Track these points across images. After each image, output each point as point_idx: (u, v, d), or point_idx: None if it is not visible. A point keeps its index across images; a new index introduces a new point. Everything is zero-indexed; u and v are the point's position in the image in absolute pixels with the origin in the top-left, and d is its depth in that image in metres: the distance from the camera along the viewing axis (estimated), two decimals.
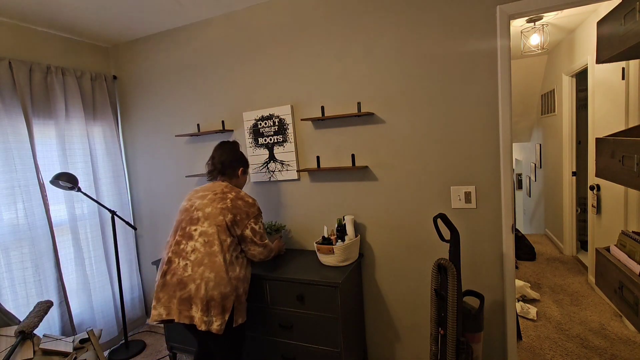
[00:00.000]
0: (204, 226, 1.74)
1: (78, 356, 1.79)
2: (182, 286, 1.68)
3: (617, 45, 1.48)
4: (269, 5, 2.36)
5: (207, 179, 2.01)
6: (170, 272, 1.73)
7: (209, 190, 1.85)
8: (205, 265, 1.68)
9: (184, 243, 1.74)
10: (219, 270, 1.68)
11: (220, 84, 2.60)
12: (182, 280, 1.68)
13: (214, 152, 1.99)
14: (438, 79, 1.99)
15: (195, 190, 1.91)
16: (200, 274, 1.66)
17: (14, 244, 2.24)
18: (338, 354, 1.95)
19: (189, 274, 1.68)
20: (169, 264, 1.74)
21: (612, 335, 2.54)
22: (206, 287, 1.65)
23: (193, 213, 1.79)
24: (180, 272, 1.69)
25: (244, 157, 2.03)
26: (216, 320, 1.67)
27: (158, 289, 1.74)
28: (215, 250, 1.70)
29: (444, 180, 2.05)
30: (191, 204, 1.83)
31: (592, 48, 3.10)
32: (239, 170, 1.98)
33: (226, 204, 1.77)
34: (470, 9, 1.88)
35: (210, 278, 1.66)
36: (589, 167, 3.38)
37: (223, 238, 1.73)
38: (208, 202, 1.78)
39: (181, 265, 1.70)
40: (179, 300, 1.68)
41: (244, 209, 1.81)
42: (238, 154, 1.99)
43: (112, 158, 2.89)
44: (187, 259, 1.71)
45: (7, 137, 2.20)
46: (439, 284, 1.71)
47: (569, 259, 4.07)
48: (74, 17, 2.39)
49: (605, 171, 1.61)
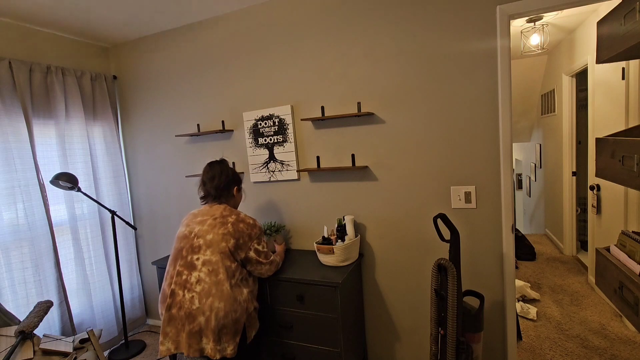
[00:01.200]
0: (206, 255, 1.67)
1: (78, 356, 1.79)
2: (191, 320, 1.62)
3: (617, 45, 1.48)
4: (268, 5, 2.36)
5: (201, 203, 1.93)
6: (175, 305, 1.66)
7: (208, 214, 1.78)
8: (213, 295, 1.62)
9: (187, 274, 1.68)
10: (227, 298, 1.64)
11: (220, 84, 2.60)
12: (191, 314, 1.62)
13: (204, 175, 1.91)
14: (438, 78, 1.99)
15: (193, 214, 1.83)
16: (209, 306, 1.61)
17: (14, 244, 2.24)
18: (338, 354, 1.95)
19: (197, 307, 1.62)
20: (173, 297, 1.67)
21: (612, 335, 2.54)
22: (216, 318, 1.61)
23: (194, 241, 1.71)
24: (187, 305, 1.63)
25: (236, 175, 1.96)
26: (229, 346, 1.65)
27: (165, 323, 1.68)
28: (221, 278, 1.64)
29: (444, 180, 2.05)
30: (190, 230, 1.75)
31: (592, 48, 3.10)
32: (234, 190, 1.94)
33: (227, 229, 1.71)
34: (470, 9, 1.88)
35: (220, 308, 1.62)
36: (589, 167, 3.38)
37: (228, 264, 1.68)
38: (209, 229, 1.71)
39: (187, 298, 1.64)
40: (187, 334, 1.62)
41: (246, 232, 1.77)
42: (230, 174, 1.92)
43: (112, 158, 2.89)
44: (193, 291, 1.64)
45: (7, 137, 2.20)
46: (439, 284, 1.71)
47: (569, 259, 4.07)
48: (74, 17, 2.39)
49: (605, 171, 1.61)
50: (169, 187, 2.94)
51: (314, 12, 2.23)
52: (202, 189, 1.91)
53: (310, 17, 2.25)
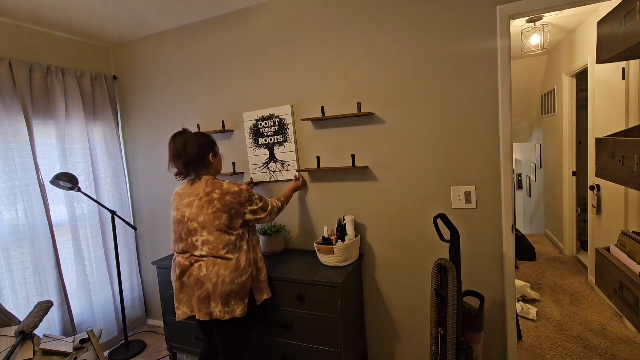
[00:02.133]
0: (203, 235, 1.74)
1: (78, 356, 1.79)
2: (200, 285, 1.73)
3: (617, 45, 1.48)
4: (268, 6, 2.36)
5: (176, 179, 1.84)
6: (186, 274, 1.77)
7: (192, 194, 1.76)
8: (218, 264, 1.73)
9: (190, 251, 1.77)
10: (231, 266, 1.74)
11: (220, 84, 2.60)
12: (199, 280, 1.73)
13: (170, 152, 1.77)
14: (438, 79, 1.99)
15: (179, 195, 1.81)
16: (215, 272, 1.72)
17: (14, 244, 2.24)
18: (338, 354, 1.95)
19: (204, 274, 1.72)
20: (180, 267, 1.78)
21: (612, 335, 2.54)
22: (223, 284, 1.72)
23: (188, 224, 1.76)
24: (195, 272, 1.74)
25: (205, 140, 1.82)
26: (238, 307, 1.77)
27: (177, 291, 1.80)
28: (222, 253, 1.74)
29: (444, 180, 2.05)
30: (181, 214, 1.77)
31: (592, 48, 3.10)
32: (209, 157, 1.82)
33: (216, 206, 1.72)
34: (470, 9, 1.87)
35: (226, 275, 1.73)
36: (589, 167, 3.38)
37: (226, 239, 1.75)
38: (197, 210, 1.73)
39: (195, 267, 1.75)
40: (197, 299, 1.74)
41: (235, 201, 1.75)
42: (197, 143, 1.77)
43: (112, 158, 2.89)
44: (200, 261, 1.75)
45: (7, 137, 2.20)
46: (439, 284, 1.71)
47: (569, 259, 4.07)
48: (74, 17, 2.39)
49: (605, 171, 1.61)
50: (169, 187, 2.94)
51: (314, 12, 2.23)
52: (172, 166, 1.80)
53: (310, 17, 2.25)
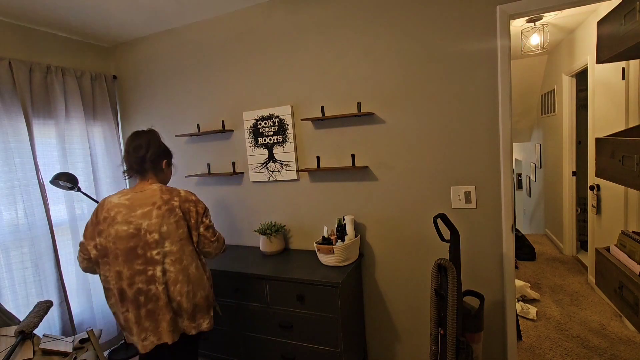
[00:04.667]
0: (166, 247, 1.59)
1: (78, 356, 1.79)
2: (169, 308, 1.60)
3: (617, 45, 1.48)
4: (268, 6, 2.36)
5: (124, 177, 1.74)
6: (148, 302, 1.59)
7: (147, 204, 1.60)
8: (180, 282, 1.61)
9: (151, 269, 1.58)
10: (194, 280, 1.66)
11: (220, 84, 2.60)
12: (167, 302, 1.60)
13: (128, 145, 1.69)
14: (438, 78, 1.99)
15: (125, 207, 1.60)
16: (178, 292, 1.61)
17: (14, 244, 2.24)
18: (338, 354, 1.95)
19: (169, 295, 1.60)
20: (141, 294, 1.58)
21: (612, 335, 2.54)
22: (188, 300, 1.63)
23: (147, 237, 1.57)
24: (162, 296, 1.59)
25: (166, 148, 1.79)
26: (204, 321, 1.71)
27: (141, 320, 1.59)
28: (185, 264, 1.63)
29: (444, 180, 2.05)
30: (136, 227, 1.58)
31: (592, 48, 3.10)
32: (163, 164, 1.74)
33: (178, 215, 1.62)
34: (470, 9, 1.88)
35: (190, 290, 1.64)
36: (589, 167, 3.38)
37: (190, 249, 1.66)
38: (159, 221, 1.58)
39: (160, 290, 1.58)
40: (168, 322, 1.60)
41: (194, 210, 1.68)
42: (159, 146, 1.72)
43: (112, 158, 2.89)
44: (163, 283, 1.59)
45: (7, 137, 2.20)
46: (439, 284, 1.71)
47: (569, 259, 4.07)
48: (74, 17, 2.39)
49: (605, 171, 1.61)
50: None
51: (314, 12, 2.23)
52: (125, 161, 1.69)
53: (310, 17, 2.25)
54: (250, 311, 2.17)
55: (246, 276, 2.13)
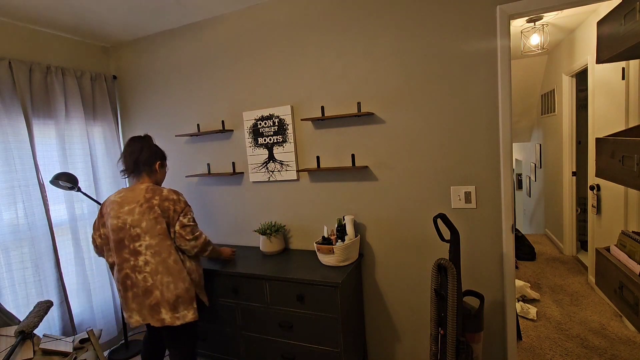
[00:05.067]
0: (146, 240, 1.80)
1: (78, 356, 1.79)
2: (148, 295, 1.82)
3: (617, 45, 1.48)
4: (269, 5, 2.36)
5: (122, 177, 1.98)
6: (133, 286, 1.84)
7: (133, 202, 1.82)
8: (161, 273, 1.81)
9: (134, 259, 1.82)
10: (173, 272, 1.83)
11: (220, 84, 2.60)
12: (147, 290, 1.81)
13: (125, 150, 1.93)
14: (438, 78, 1.99)
15: (117, 204, 1.84)
16: (159, 281, 1.81)
17: (14, 244, 2.24)
18: (338, 354, 1.95)
19: (150, 283, 1.81)
20: (128, 278, 1.84)
21: (612, 335, 2.54)
22: (168, 291, 1.81)
23: (131, 231, 1.81)
24: (142, 284, 1.82)
25: (159, 151, 1.98)
26: (189, 312, 1.86)
27: (129, 300, 1.85)
28: (164, 257, 1.82)
29: (444, 180, 2.05)
30: (123, 221, 1.82)
31: (592, 48, 3.10)
32: (156, 165, 1.95)
33: (156, 212, 1.81)
34: (470, 9, 1.88)
35: (170, 281, 1.82)
36: (589, 167, 3.38)
37: (168, 243, 1.83)
38: (140, 217, 1.80)
39: (140, 278, 1.82)
40: (148, 308, 1.83)
41: (172, 208, 1.85)
42: (152, 149, 1.94)
43: (112, 158, 2.89)
44: (144, 272, 1.81)
45: (7, 137, 2.20)
46: (439, 284, 1.71)
47: (569, 259, 4.07)
48: (74, 17, 2.39)
49: (605, 171, 1.61)
50: (169, 187, 2.94)
51: (314, 12, 2.23)
52: (122, 162, 1.93)
53: (311, 17, 2.25)
54: (250, 311, 2.17)
55: (246, 276, 2.13)
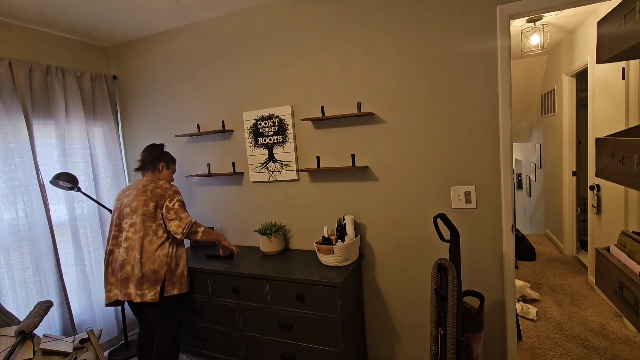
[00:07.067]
0: (132, 218, 2.04)
1: (78, 356, 1.79)
2: (121, 268, 2.01)
3: (617, 45, 1.48)
4: (269, 6, 2.36)
5: (134, 172, 2.36)
6: (113, 261, 2.07)
7: (133, 187, 2.14)
8: (136, 249, 1.99)
9: (120, 236, 2.07)
10: (146, 251, 2.00)
11: (220, 84, 2.60)
12: (122, 264, 2.01)
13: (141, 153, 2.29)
14: (438, 78, 1.99)
15: (122, 191, 2.21)
16: (132, 257, 2.00)
17: (14, 244, 2.24)
18: (338, 354, 1.95)
19: (124, 258, 2.01)
20: (111, 254, 2.08)
21: (612, 335, 2.54)
22: (137, 267, 1.97)
23: (123, 210, 2.09)
24: (120, 258, 2.02)
25: (165, 154, 2.28)
26: (149, 292, 1.98)
27: (109, 275, 2.07)
28: (141, 235, 2.01)
29: (444, 180, 2.05)
30: (120, 203, 2.13)
31: (592, 48, 3.10)
32: (160, 166, 2.24)
33: (147, 195, 2.06)
34: (470, 9, 1.88)
35: (140, 259, 1.98)
36: (589, 167, 3.38)
37: (148, 224, 2.03)
38: (133, 198, 2.08)
39: (120, 253, 2.04)
40: (120, 281, 2.01)
41: (161, 194, 2.09)
42: (158, 152, 2.26)
43: (112, 158, 2.89)
44: (122, 247, 2.03)
45: (7, 137, 2.20)
46: (439, 284, 1.71)
47: (569, 259, 4.07)
48: (74, 17, 2.39)
49: (605, 171, 1.61)
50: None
51: (314, 12, 2.23)
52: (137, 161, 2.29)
53: (311, 17, 2.25)
54: (251, 311, 2.17)
55: (246, 276, 2.14)
